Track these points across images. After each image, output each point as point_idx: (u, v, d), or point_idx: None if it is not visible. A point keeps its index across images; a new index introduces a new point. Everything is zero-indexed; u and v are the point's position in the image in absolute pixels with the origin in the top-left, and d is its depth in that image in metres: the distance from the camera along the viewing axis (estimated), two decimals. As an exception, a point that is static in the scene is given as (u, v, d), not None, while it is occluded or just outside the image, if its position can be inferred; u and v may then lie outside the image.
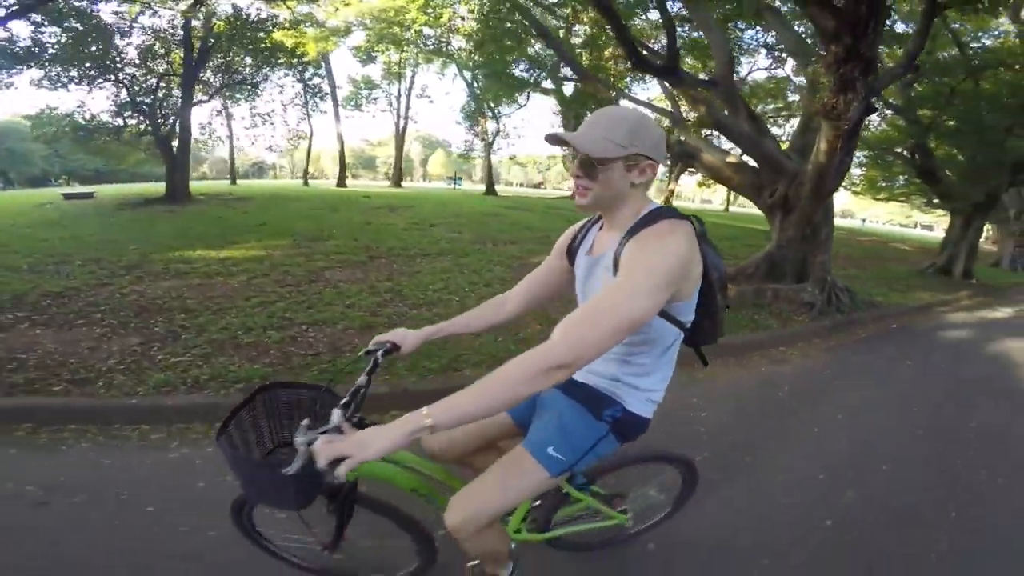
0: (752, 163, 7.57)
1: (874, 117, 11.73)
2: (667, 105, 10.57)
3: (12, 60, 11.80)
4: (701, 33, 8.50)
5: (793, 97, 16.94)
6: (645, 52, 7.37)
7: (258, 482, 1.23)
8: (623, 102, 12.08)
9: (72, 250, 7.05)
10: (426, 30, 18.24)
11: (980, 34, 10.76)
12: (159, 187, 19.88)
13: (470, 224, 11.24)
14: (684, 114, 9.58)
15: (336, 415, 1.11)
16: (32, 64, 12.29)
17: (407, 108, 28.17)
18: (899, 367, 5.08)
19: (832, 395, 4.10)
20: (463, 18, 16.74)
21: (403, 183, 29.87)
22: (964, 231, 12.62)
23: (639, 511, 1.97)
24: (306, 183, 27.35)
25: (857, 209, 57.82)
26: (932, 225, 48.73)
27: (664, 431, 3.18)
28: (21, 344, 3.80)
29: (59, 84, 13.28)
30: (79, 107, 14.85)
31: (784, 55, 13.67)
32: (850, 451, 3.12)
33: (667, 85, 8.85)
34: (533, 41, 12.53)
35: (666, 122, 8.80)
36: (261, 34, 15.34)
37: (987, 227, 18.02)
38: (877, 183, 18.65)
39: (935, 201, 15.63)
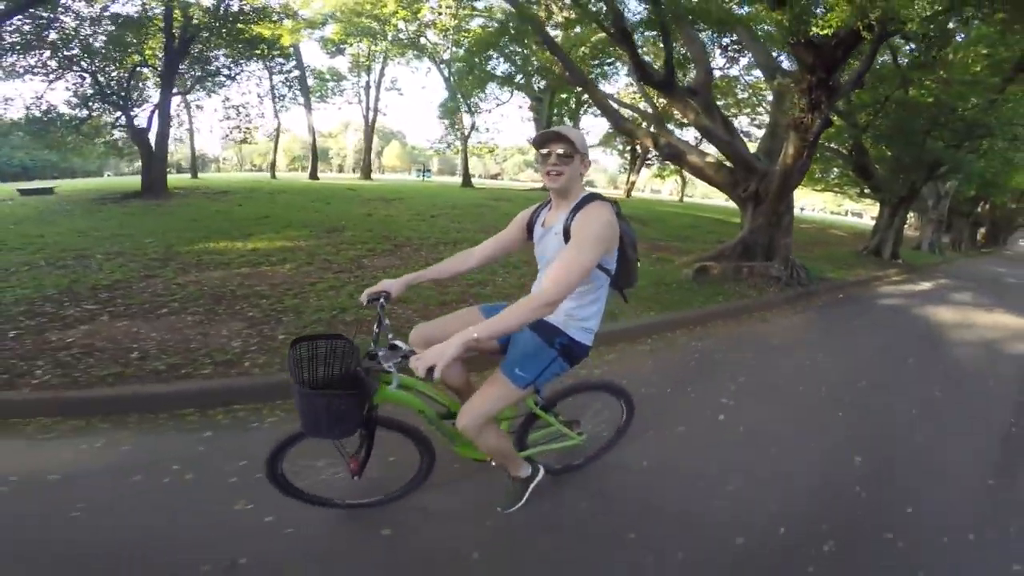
0: (727, 163, 8.82)
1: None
2: (645, 105, 11.73)
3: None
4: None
5: (743, 95, 18.68)
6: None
7: (329, 412, 1.64)
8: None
9: (81, 245, 6.77)
10: (401, 24, 18.66)
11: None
12: (130, 181, 19.38)
13: (467, 215, 12.03)
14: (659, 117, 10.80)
15: (401, 344, 1.70)
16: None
17: (376, 100, 28.25)
18: (851, 324, 6.49)
19: (807, 343, 5.38)
20: (440, 14, 17.31)
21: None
22: (891, 219, 14.61)
23: (591, 435, 2.52)
24: (273, 176, 27.01)
25: (795, 198, 61.98)
26: (861, 213, 53.32)
27: (701, 363, 4.33)
28: (121, 335, 3.78)
29: (14, 74, 12.58)
30: (35, 98, 13.97)
31: (737, 56, 15.14)
32: (829, 374, 4.34)
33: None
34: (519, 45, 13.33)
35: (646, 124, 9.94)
36: (240, 25, 15.01)
37: (910, 215, 20.37)
38: (815, 175, 20.69)
39: (867, 192, 17.71)
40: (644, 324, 5.00)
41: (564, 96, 22.14)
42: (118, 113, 14.91)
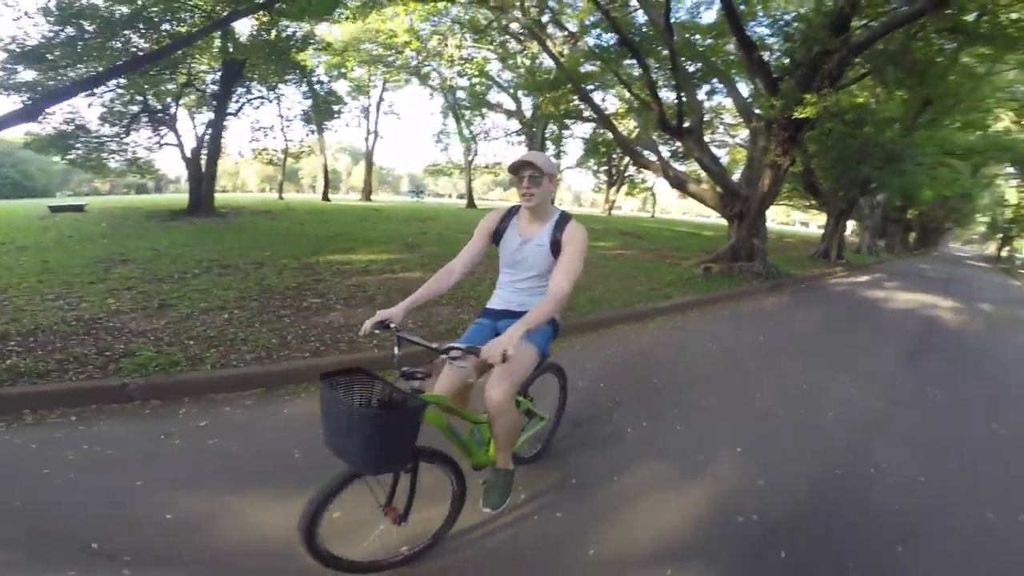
0: (718, 189, 11.60)
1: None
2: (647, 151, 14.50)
3: (20, 60, 10.11)
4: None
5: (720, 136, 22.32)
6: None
7: (386, 436, 1.56)
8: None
9: (194, 258, 7.49)
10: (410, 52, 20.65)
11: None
12: (168, 199, 20.40)
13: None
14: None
15: (459, 344, 1.83)
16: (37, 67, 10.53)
17: (376, 123, 30.29)
18: (813, 302, 9.28)
19: (788, 314, 8.05)
20: (447, 45, 19.48)
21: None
22: (835, 227, 17.91)
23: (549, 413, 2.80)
24: (281, 197, 28.54)
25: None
26: (808, 222, 58.81)
27: (732, 321, 6.88)
28: (368, 316, 5.48)
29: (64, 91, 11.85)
30: (71, 114, 13.45)
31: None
32: (806, 327, 6.96)
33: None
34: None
35: (653, 157, 12.67)
36: (291, 51, 15.32)
37: (852, 224, 24.03)
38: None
39: (814, 205, 21.12)
40: (686, 302, 7.53)
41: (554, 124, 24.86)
42: (164, 130, 15.48)
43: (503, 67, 22.96)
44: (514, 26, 13.90)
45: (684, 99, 10.26)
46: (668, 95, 10.74)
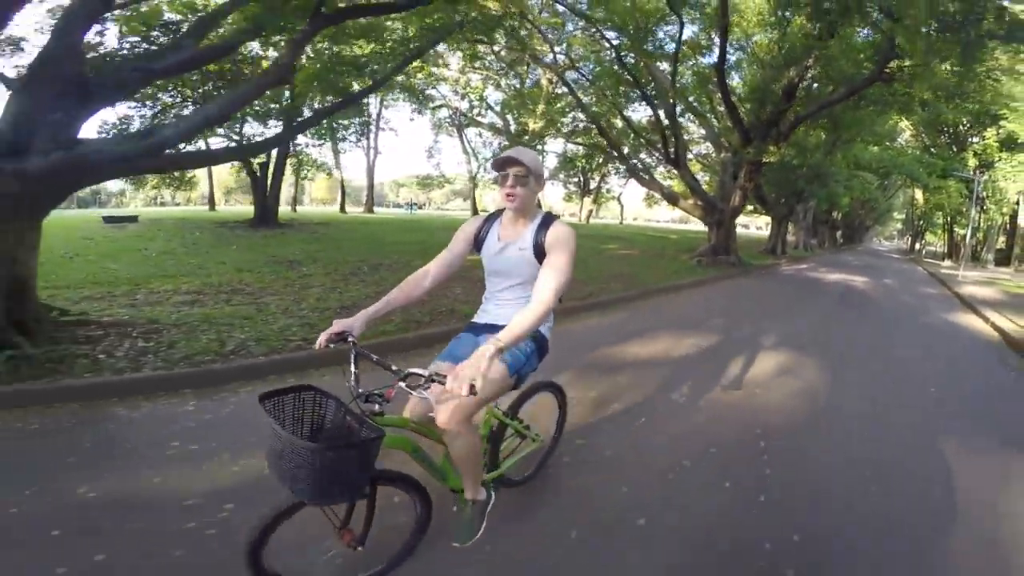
0: (699, 202, 15.85)
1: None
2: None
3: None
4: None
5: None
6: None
7: (339, 469, 1.39)
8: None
9: (335, 260, 9.52)
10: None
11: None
12: (228, 212, 22.00)
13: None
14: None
15: (419, 370, 1.58)
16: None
17: (376, 139, 33.17)
18: (773, 280, 13.61)
19: (760, 287, 12.22)
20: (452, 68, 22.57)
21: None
22: (779, 229, 22.76)
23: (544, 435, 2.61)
24: (343, 210, 30.78)
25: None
26: (748, 224, 66.07)
27: (725, 292, 11.01)
28: None
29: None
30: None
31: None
32: (774, 291, 11.08)
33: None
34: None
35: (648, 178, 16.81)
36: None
37: (791, 226, 29.22)
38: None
39: (762, 211, 26.07)
40: (695, 281, 11.54)
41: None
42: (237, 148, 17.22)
43: (496, 88, 26.19)
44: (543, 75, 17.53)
45: (677, 138, 14.42)
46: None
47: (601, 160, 29.69)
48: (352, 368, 1.67)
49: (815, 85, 13.20)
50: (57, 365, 3.84)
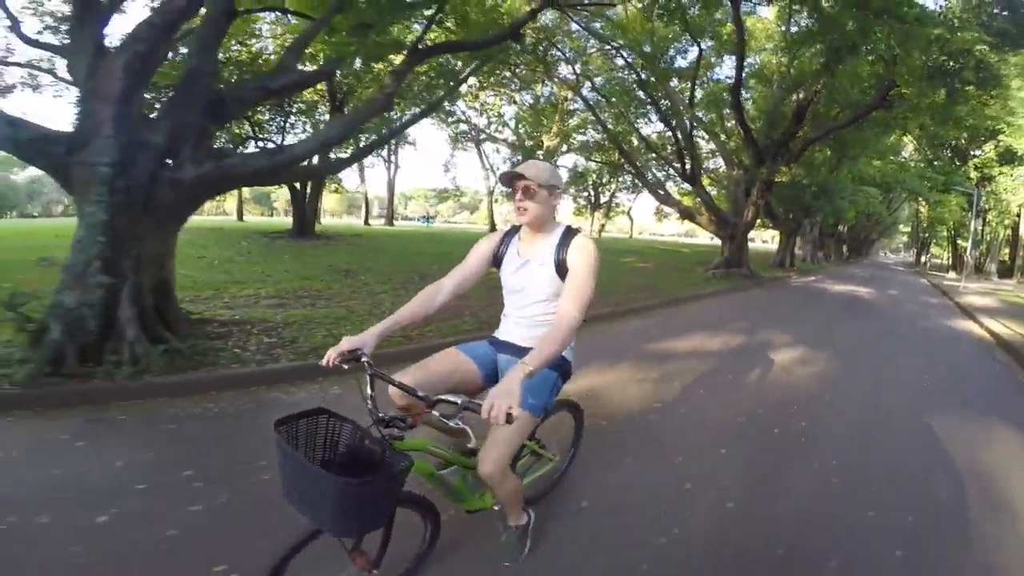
0: (714, 218, 16.89)
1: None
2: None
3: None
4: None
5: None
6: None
7: (366, 500, 1.35)
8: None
9: (387, 272, 10.70)
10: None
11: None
12: (260, 223, 22.82)
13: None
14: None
15: (460, 399, 1.42)
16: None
17: (395, 154, 34.35)
18: (784, 291, 14.59)
19: (772, 297, 13.21)
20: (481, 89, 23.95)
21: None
22: (787, 243, 23.74)
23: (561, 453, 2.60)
24: (367, 222, 32.23)
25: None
26: (753, 238, 67.45)
27: (738, 303, 12.06)
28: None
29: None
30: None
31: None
32: (785, 301, 12.07)
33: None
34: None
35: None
36: None
37: (798, 240, 30.20)
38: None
39: (771, 226, 27.08)
40: (714, 291, 12.55)
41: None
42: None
43: (511, 103, 27.36)
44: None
45: (694, 158, 15.52)
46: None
47: (611, 175, 30.85)
48: (368, 390, 1.62)
49: (821, 109, 14.29)
50: (202, 358, 4.30)
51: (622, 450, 3.17)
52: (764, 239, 63.13)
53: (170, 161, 4.65)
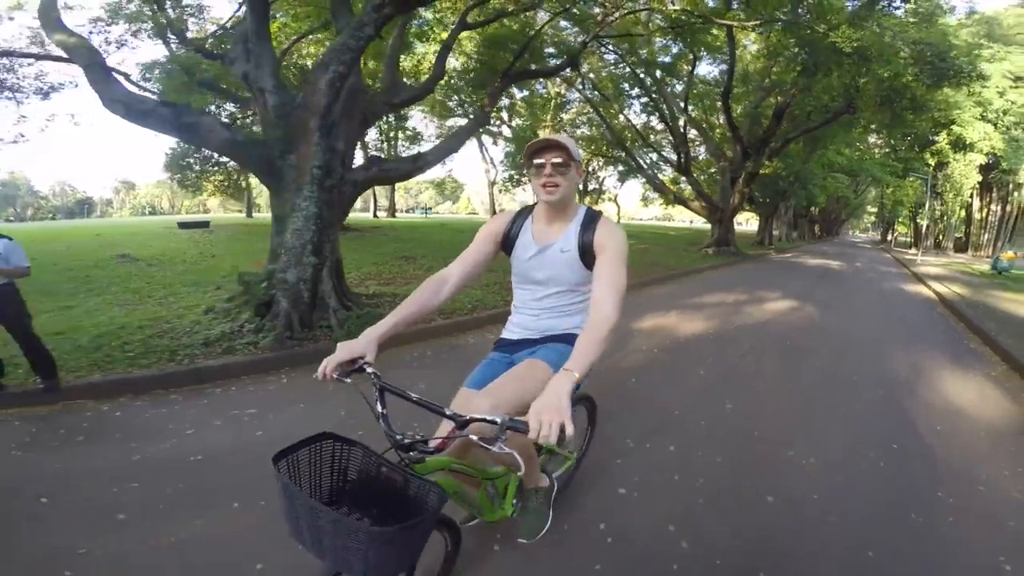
0: (703, 204, 18.97)
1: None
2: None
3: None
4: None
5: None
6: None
7: (407, 544, 1.16)
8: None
9: (426, 263, 14.69)
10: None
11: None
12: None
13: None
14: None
15: (499, 417, 1.18)
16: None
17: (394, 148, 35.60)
18: (767, 265, 16.81)
19: (758, 269, 15.37)
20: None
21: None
22: (766, 224, 26.14)
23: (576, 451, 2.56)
24: (376, 215, 33.61)
25: (679, 213, 78.02)
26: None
27: (735, 274, 14.20)
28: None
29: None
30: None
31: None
32: (768, 272, 14.21)
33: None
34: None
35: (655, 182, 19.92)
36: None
37: (775, 222, 32.68)
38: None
39: (750, 208, 29.44)
40: (711, 265, 14.65)
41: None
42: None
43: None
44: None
45: (687, 153, 17.54)
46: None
47: (604, 164, 32.73)
48: (379, 407, 1.37)
49: (796, 112, 16.41)
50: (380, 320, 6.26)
51: (696, 357, 5.17)
52: (738, 221, 66.21)
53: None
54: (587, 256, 1.67)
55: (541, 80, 23.98)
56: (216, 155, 19.12)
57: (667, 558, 2.13)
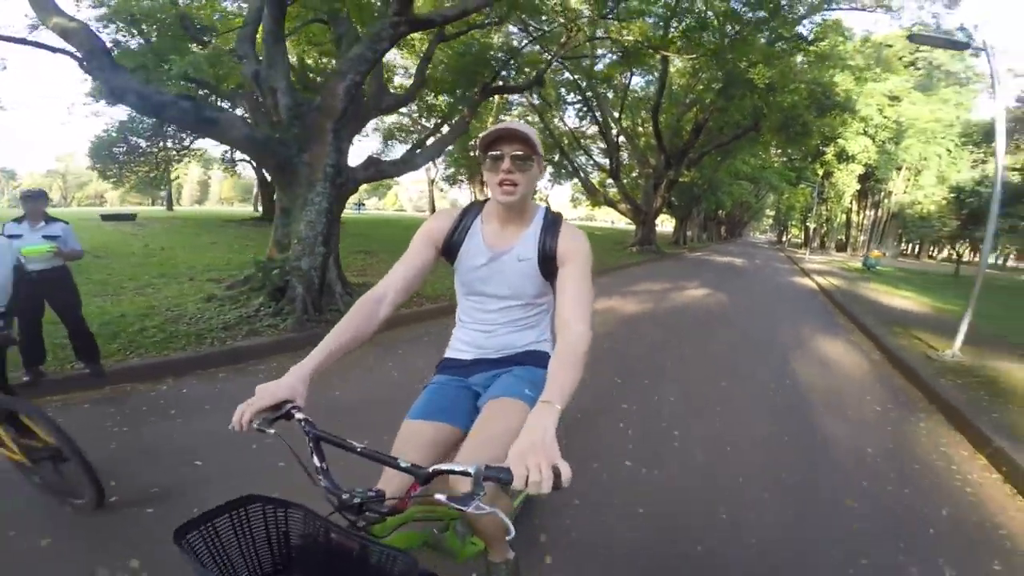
0: (630, 207, 20.98)
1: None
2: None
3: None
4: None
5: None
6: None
7: None
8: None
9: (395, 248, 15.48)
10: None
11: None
12: (220, 210, 23.61)
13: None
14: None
15: (471, 467, 0.88)
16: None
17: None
18: (682, 262, 19.11)
19: (675, 265, 17.48)
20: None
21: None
22: (681, 226, 28.96)
23: None
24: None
25: (601, 214, 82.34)
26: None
27: (659, 268, 16.20)
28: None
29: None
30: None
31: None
32: (684, 267, 16.32)
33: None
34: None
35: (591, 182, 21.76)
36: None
37: (689, 224, 35.96)
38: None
39: (667, 211, 32.37)
40: (637, 262, 16.52)
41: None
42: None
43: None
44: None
45: (618, 160, 19.44)
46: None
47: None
48: (316, 460, 1.04)
49: (712, 126, 18.77)
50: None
51: (642, 325, 6.63)
52: (657, 222, 70.89)
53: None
54: (548, 265, 1.42)
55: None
56: (143, 146, 18.87)
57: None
